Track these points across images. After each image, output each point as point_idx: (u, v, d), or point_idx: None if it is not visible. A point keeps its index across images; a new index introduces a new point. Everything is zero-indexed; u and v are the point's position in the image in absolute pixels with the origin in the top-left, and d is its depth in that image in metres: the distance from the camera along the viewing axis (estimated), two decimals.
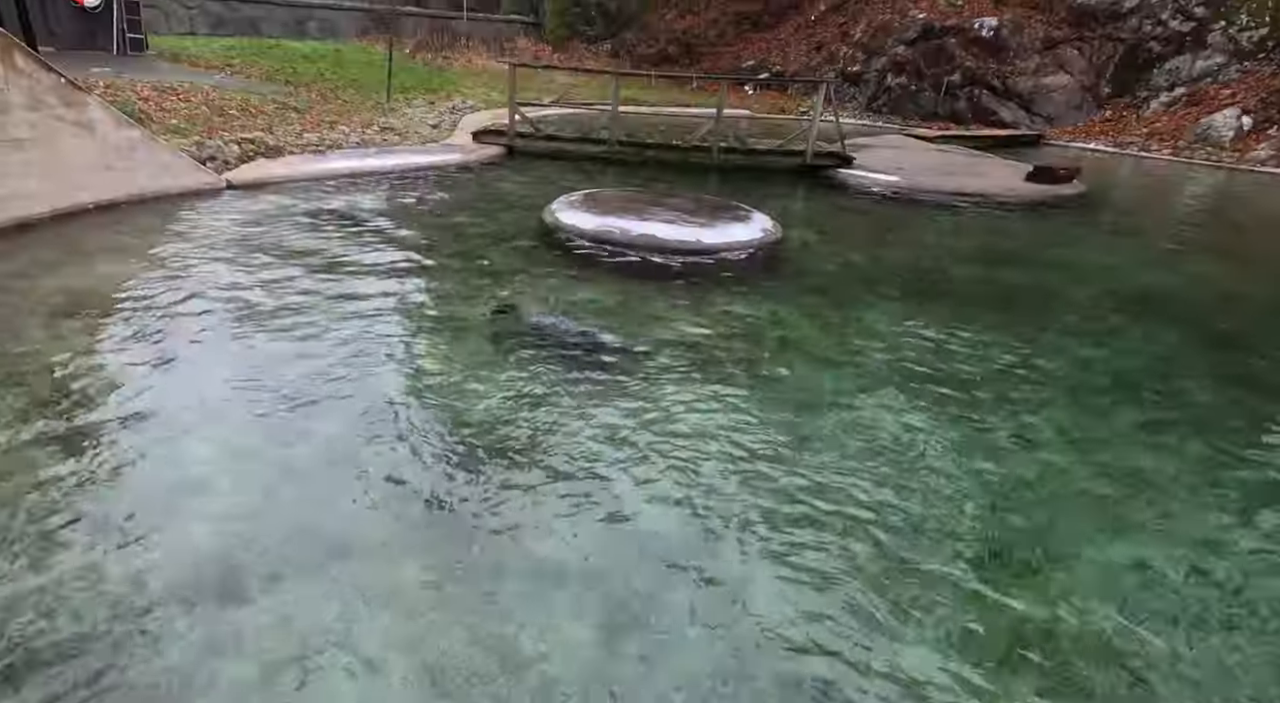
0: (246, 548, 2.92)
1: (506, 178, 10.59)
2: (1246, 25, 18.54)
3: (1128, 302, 6.59)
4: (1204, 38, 18.87)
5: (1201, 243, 9.52)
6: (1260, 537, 3.38)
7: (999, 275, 7.21)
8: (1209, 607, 2.94)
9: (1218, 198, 13.15)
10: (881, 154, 13.59)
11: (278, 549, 2.93)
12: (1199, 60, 18.89)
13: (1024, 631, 2.78)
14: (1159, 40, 19.37)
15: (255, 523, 3.07)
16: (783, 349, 5.15)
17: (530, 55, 26.16)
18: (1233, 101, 17.72)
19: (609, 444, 3.84)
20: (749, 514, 3.36)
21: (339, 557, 2.92)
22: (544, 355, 4.80)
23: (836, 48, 24.08)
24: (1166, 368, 5.18)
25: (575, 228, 7.35)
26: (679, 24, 27.29)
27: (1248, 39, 18.49)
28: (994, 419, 4.33)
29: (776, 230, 7.70)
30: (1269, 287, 7.56)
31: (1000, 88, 20.85)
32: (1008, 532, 3.34)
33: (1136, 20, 19.67)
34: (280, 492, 3.29)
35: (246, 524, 3.06)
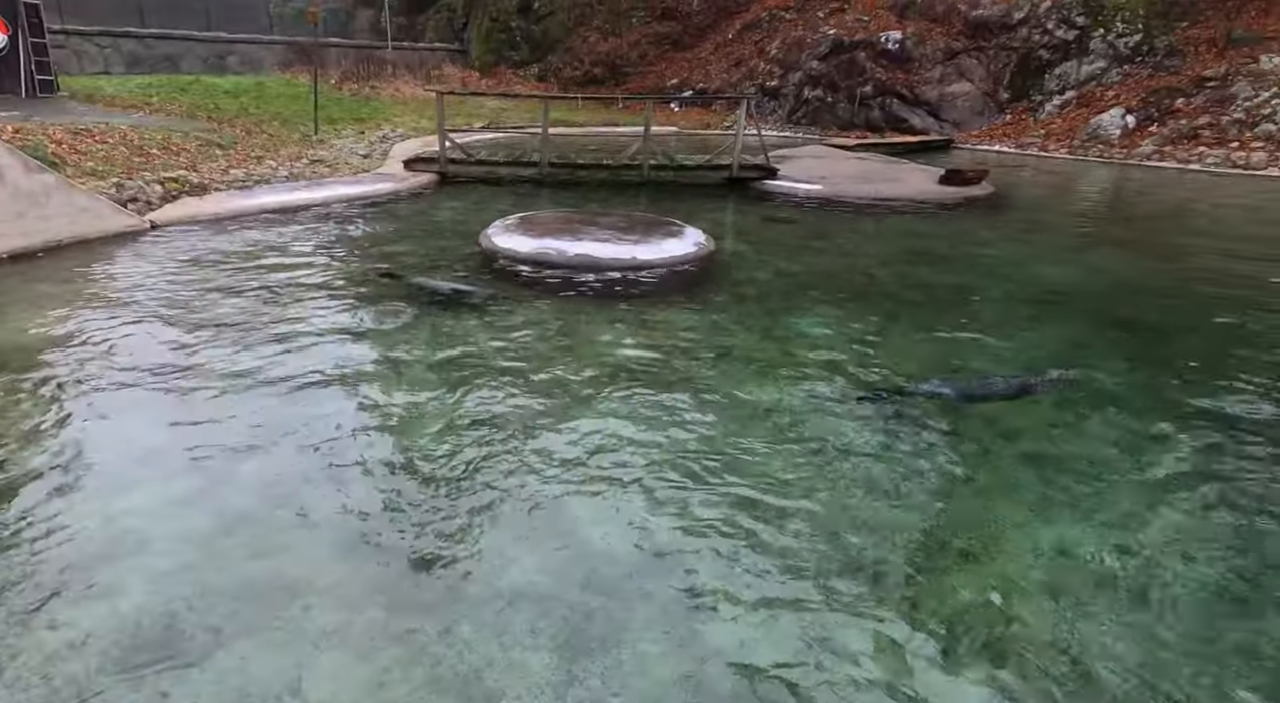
0: (188, 604, 2.76)
1: (441, 205, 10.43)
2: (1123, 32, 19.61)
3: (1038, 295, 6.84)
4: (1087, 44, 19.88)
5: (1100, 236, 9.96)
6: (1175, 513, 3.51)
7: (920, 276, 7.39)
8: (1131, 584, 3.04)
9: (1111, 192, 13.82)
10: (804, 164, 13.85)
11: (222, 602, 2.77)
12: (1084, 65, 19.88)
13: (965, 618, 2.82)
14: (1047, 48, 20.31)
15: (196, 577, 2.91)
16: (722, 360, 5.17)
17: (458, 82, 25.93)
18: (1117, 102, 18.69)
19: (557, 466, 3.78)
20: (698, 526, 3.34)
21: (287, 604, 2.78)
22: (490, 385, 4.71)
23: (755, 64, 24.54)
24: (1076, 356, 5.36)
25: (513, 252, 7.27)
26: (602, 46, 27.44)
27: (1124, 44, 19.55)
28: (924, 414, 4.42)
29: (709, 243, 7.75)
30: (1162, 275, 7.94)
31: (909, 97, 21.54)
32: (946, 522, 3.40)
33: (1026, 30, 20.59)
34: (220, 541, 3.13)
35: (187, 579, 2.89)
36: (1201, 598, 2.96)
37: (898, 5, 22.67)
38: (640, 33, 27.25)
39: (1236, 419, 4.44)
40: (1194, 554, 3.21)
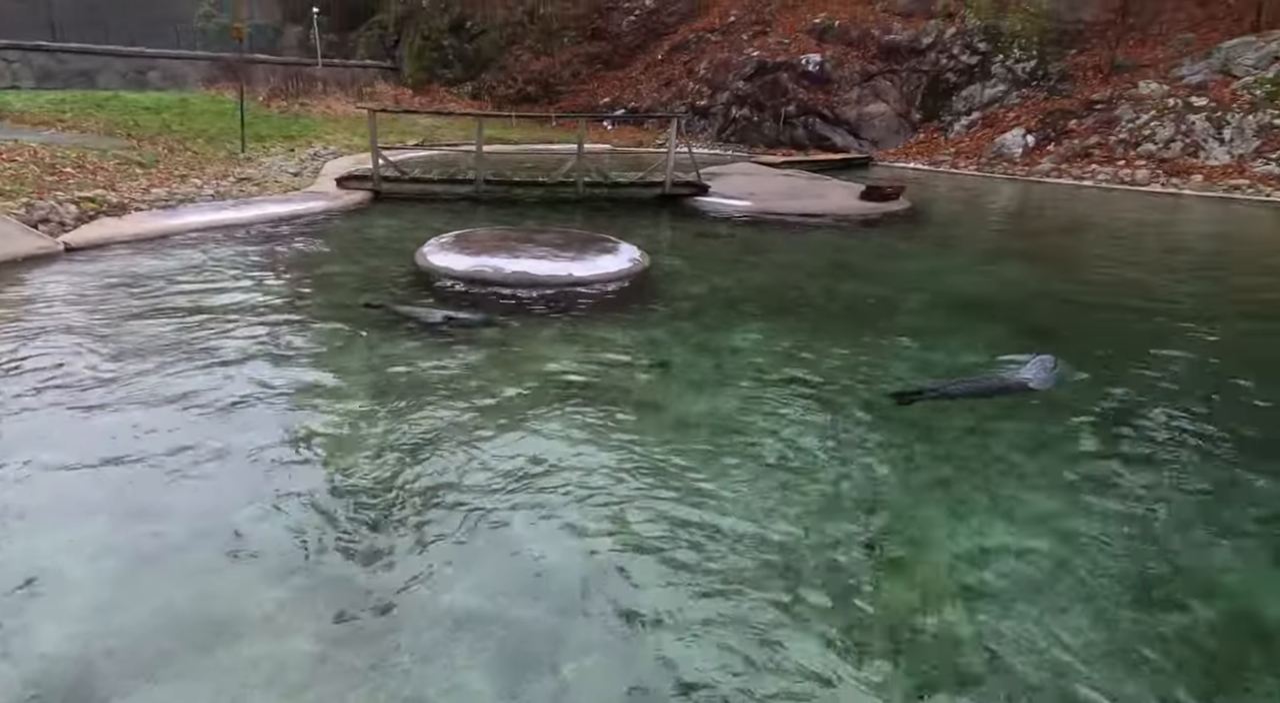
0: (107, 648, 2.57)
1: (374, 223, 10.16)
2: (1020, 58, 20.68)
3: (954, 305, 7.07)
4: (989, 69, 20.87)
5: (1009, 248, 10.40)
6: (1085, 512, 3.66)
7: (846, 288, 7.57)
8: (1046, 580, 3.14)
9: (1016, 206, 14.48)
10: (734, 181, 14.06)
11: (145, 643, 2.59)
12: (987, 88, 20.86)
13: (897, 621, 2.86)
14: (954, 72, 21.23)
15: (117, 616, 2.71)
16: (659, 374, 5.17)
17: (391, 99, 25.43)
18: (1018, 122, 19.65)
19: (496, 484, 3.69)
20: (638, 539, 3.30)
21: (215, 641, 2.62)
22: (426, 405, 4.58)
23: (684, 84, 24.86)
24: (989, 360, 5.56)
25: (448, 269, 7.12)
26: (535, 65, 27.36)
27: (1022, 69, 20.61)
28: (854, 424, 4.50)
29: (644, 259, 7.77)
30: (1067, 283, 8.34)
31: (830, 116, 22.18)
32: (874, 530, 3.45)
33: (934, 55, 21.49)
34: (143, 577, 2.93)
35: (106, 619, 2.69)
36: (1109, 591, 3.07)
37: (816, 29, 23.34)
38: (572, 52, 27.30)
39: (1140, 418, 4.66)
40: (1103, 549, 3.34)
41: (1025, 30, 20.81)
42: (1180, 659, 2.71)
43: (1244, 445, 4.32)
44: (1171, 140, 16.96)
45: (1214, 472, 4.03)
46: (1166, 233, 11.95)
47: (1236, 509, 3.68)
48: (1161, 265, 9.25)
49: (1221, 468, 4.07)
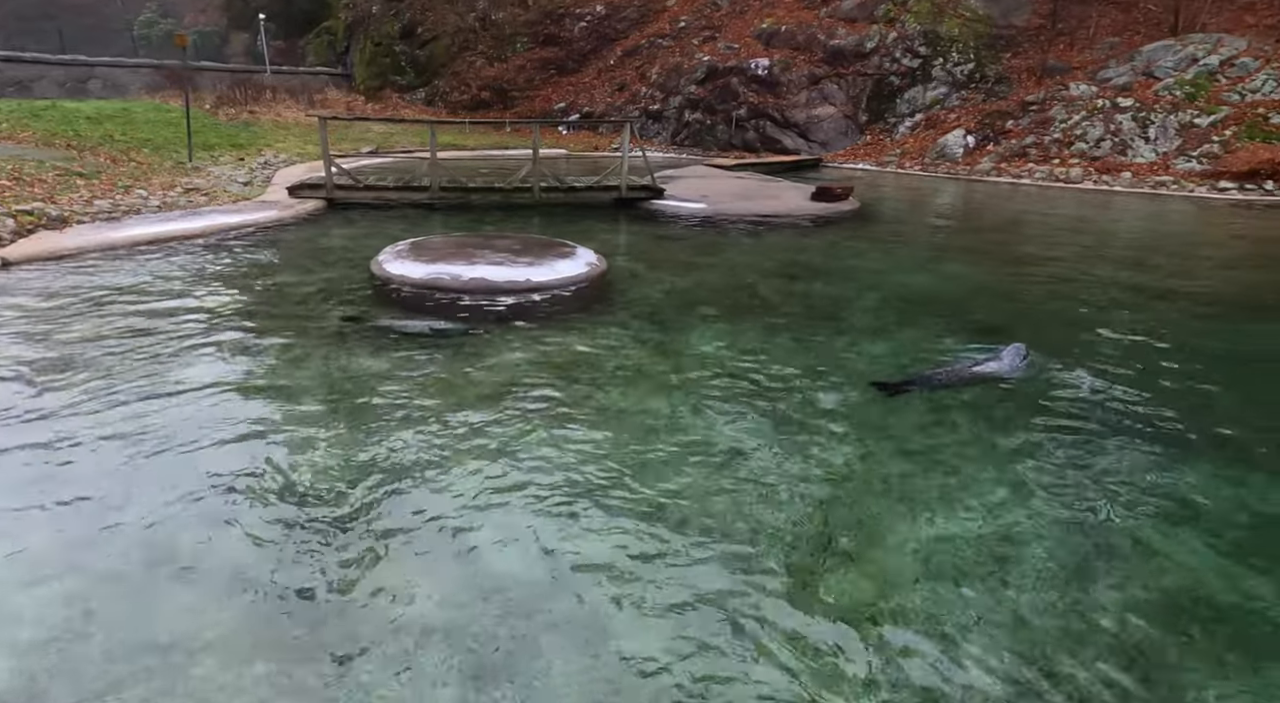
0: (54, 678, 2.45)
1: (328, 232, 9.94)
2: (958, 62, 21.19)
3: (902, 302, 7.19)
4: (930, 72, 21.33)
5: (953, 245, 10.63)
6: (1029, 498, 3.74)
7: (799, 287, 7.65)
8: (997, 565, 3.21)
9: (959, 205, 14.82)
10: (689, 183, 14.11)
11: (94, 672, 2.48)
12: (929, 91, 21.32)
13: (852, 616, 2.88)
14: (897, 75, 21.65)
15: (67, 647, 2.59)
16: (618, 376, 5.14)
17: (343, 107, 24.95)
18: (958, 124, 20.12)
19: (457, 493, 3.63)
20: (602, 542, 3.28)
21: (168, 665, 2.52)
22: (383, 416, 4.48)
23: (637, 88, 24.89)
24: (935, 356, 5.67)
25: (405, 277, 6.99)
26: (488, 71, 27.12)
27: (961, 72, 21.12)
28: (810, 421, 4.53)
29: (601, 263, 7.73)
30: (1006, 279, 8.56)
31: (780, 119, 22.41)
32: (832, 524, 3.48)
33: (878, 59, 21.89)
34: (94, 604, 2.80)
35: (54, 649, 2.57)
36: (1052, 575, 3.15)
37: (764, 34, 23.58)
38: (525, 58, 27.13)
39: (1078, 406, 4.80)
40: (1045, 536, 3.42)
41: (962, 35, 21.33)
42: (1123, 640, 2.79)
43: (1178, 428, 4.48)
44: (1101, 139, 17.55)
45: (1151, 454, 4.16)
46: (1099, 229, 12.35)
47: (1176, 492, 3.80)
48: (1096, 259, 9.55)
49: (1156, 450, 4.20)
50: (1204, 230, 12.06)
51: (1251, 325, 6.73)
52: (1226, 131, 16.43)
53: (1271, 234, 11.66)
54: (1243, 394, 5.12)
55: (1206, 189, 15.36)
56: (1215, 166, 15.84)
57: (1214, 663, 2.68)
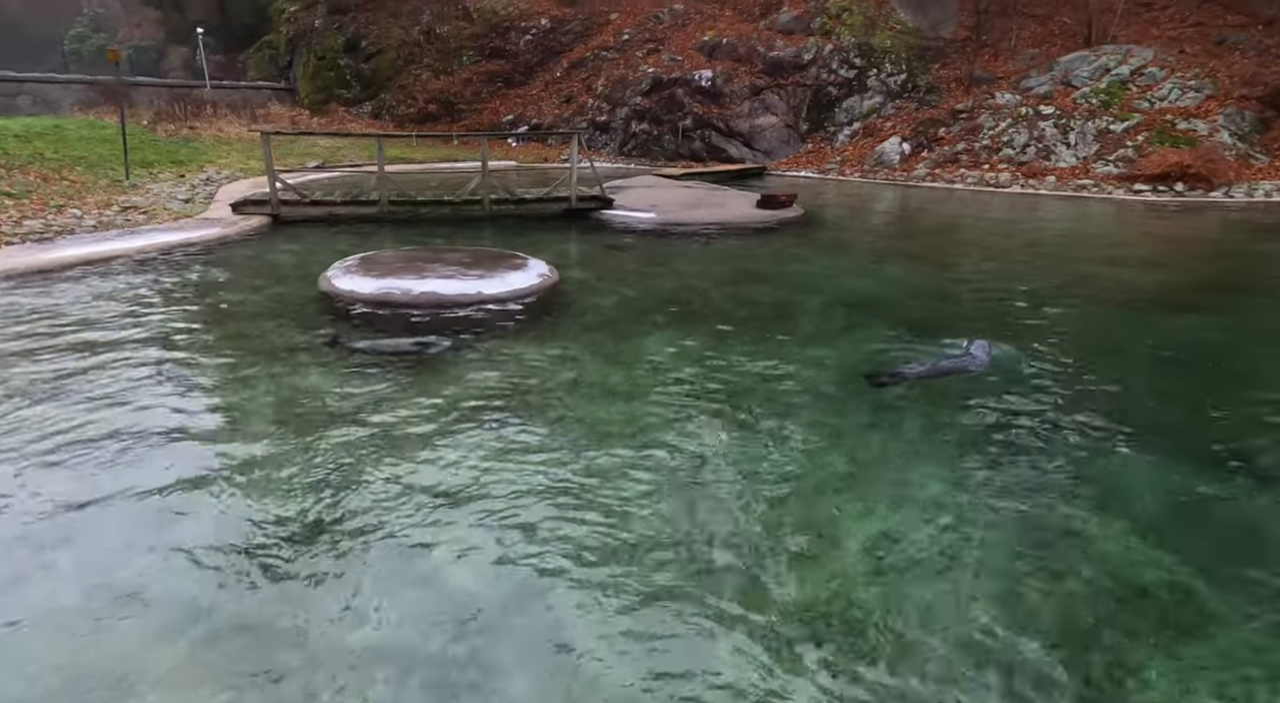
0: None
1: (275, 248, 9.66)
2: (891, 72, 21.76)
3: (846, 305, 7.31)
4: (865, 82, 21.85)
5: (892, 249, 10.87)
6: (971, 492, 3.83)
7: (747, 293, 7.71)
8: (941, 559, 3.27)
9: (897, 209, 15.18)
10: (638, 193, 14.14)
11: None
12: (865, 100, 21.82)
13: (808, 615, 2.90)
14: (834, 85, 22.11)
15: (8, 685, 2.44)
16: (573, 387, 5.10)
17: (287, 121, 24.31)
18: (894, 132, 20.64)
19: (413, 510, 3.54)
20: (561, 554, 3.24)
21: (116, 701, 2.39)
22: (335, 434, 4.36)
23: (584, 100, 24.88)
24: (879, 357, 5.76)
25: (354, 293, 6.83)
26: (435, 84, 26.77)
27: (894, 82, 21.69)
28: (761, 424, 4.56)
29: (553, 274, 7.68)
30: (943, 280, 8.79)
31: (725, 129, 22.66)
32: (785, 525, 3.50)
33: (816, 70, 22.32)
34: (32, 641, 2.65)
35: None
36: (996, 566, 3.23)
37: (706, 46, 23.83)
38: (471, 71, 26.86)
39: (1013, 401, 4.93)
40: (988, 526, 3.50)
41: (894, 46, 21.90)
42: (1062, 626, 2.86)
43: (1106, 420, 4.64)
44: (1027, 145, 18.20)
45: (1082, 445, 4.30)
46: (1028, 231, 12.79)
47: (1106, 481, 3.94)
48: (1026, 260, 9.88)
49: (1087, 441, 4.35)
50: (1122, 231, 12.59)
51: (1168, 320, 7.03)
52: (1139, 137, 17.22)
53: (1182, 233, 12.24)
54: (1162, 386, 5.35)
55: (1123, 191, 16.06)
56: (1130, 170, 16.58)
57: (1143, 643, 2.77)
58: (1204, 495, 3.81)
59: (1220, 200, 15.14)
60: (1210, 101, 17.56)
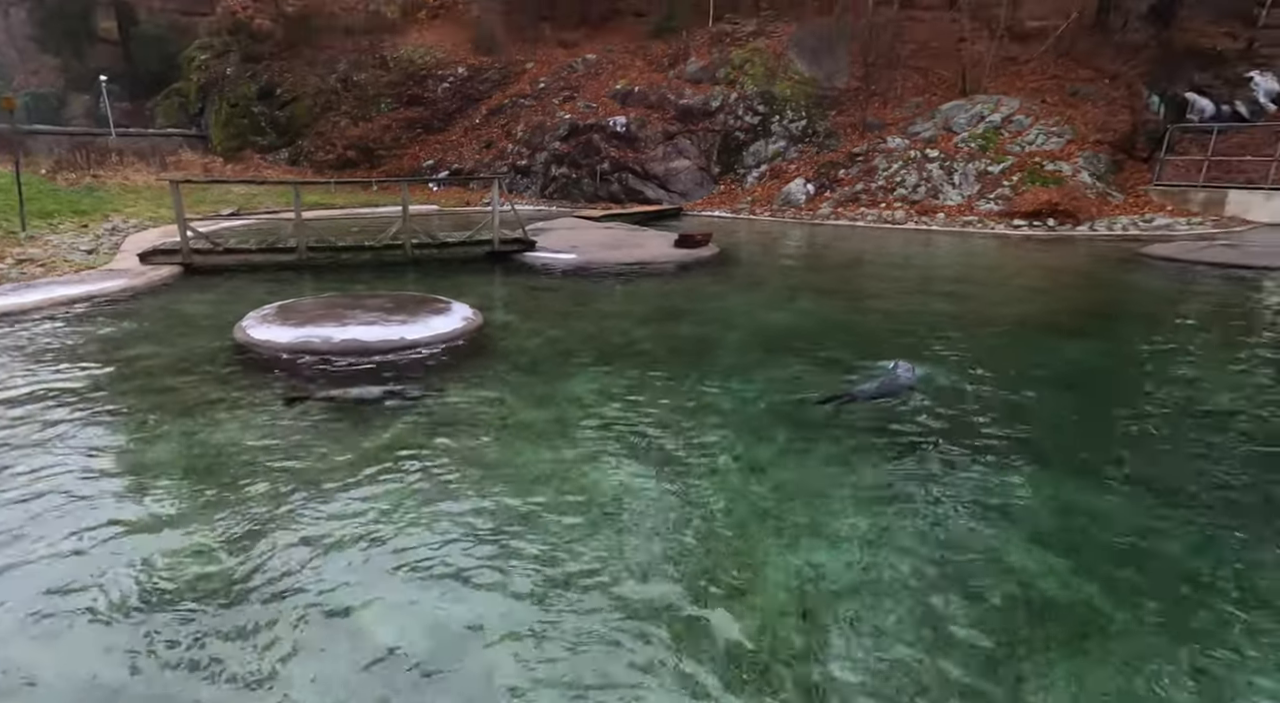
0: None
1: (187, 299, 9.16)
2: (793, 118, 22.78)
3: (762, 340, 7.47)
4: (769, 128, 22.78)
5: (803, 284, 11.25)
6: (883, 517, 3.94)
7: (668, 330, 7.80)
8: (863, 586, 3.34)
9: (806, 247, 15.77)
10: (559, 235, 14.19)
11: None
12: (770, 144, 22.72)
13: (737, 650, 2.90)
14: (741, 130, 22.96)
15: None
16: (501, 430, 5.00)
17: (200, 169, 23.31)
18: (799, 173, 21.54)
19: (339, 566, 3.36)
20: (493, 604, 3.13)
21: None
22: (254, 488, 4.12)
23: (504, 145, 24.92)
24: (797, 389, 5.90)
25: (271, 343, 6.54)
26: (353, 131, 26.28)
27: (796, 128, 22.70)
28: (685, 459, 4.59)
29: (477, 317, 7.58)
30: (851, 312, 9.14)
31: (641, 172, 23.10)
32: (713, 560, 3.51)
33: (723, 116, 23.13)
34: None
35: None
36: (913, 588, 3.32)
37: (619, 94, 24.36)
38: (390, 117, 26.53)
39: (916, 425, 5.14)
40: (904, 549, 3.61)
41: (794, 95, 22.97)
42: (973, 642, 2.96)
43: (1002, 441, 4.89)
44: (917, 185, 19.32)
45: (982, 466, 4.51)
46: (923, 264, 13.51)
47: (1006, 500, 4.13)
48: (923, 291, 10.40)
49: (986, 462, 4.56)
50: (1006, 263, 13.46)
51: (1055, 343, 7.50)
52: (1014, 177, 18.55)
53: (1057, 264, 13.18)
54: (1054, 405, 5.67)
55: (1004, 226, 17.21)
56: (1009, 207, 17.80)
57: (1046, 652, 2.89)
58: (1095, 507, 4.04)
59: (1086, 234, 16.42)
60: (1071, 145, 19.14)
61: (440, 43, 27.97)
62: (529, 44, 27.79)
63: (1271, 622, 3.07)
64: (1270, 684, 2.73)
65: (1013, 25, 23.54)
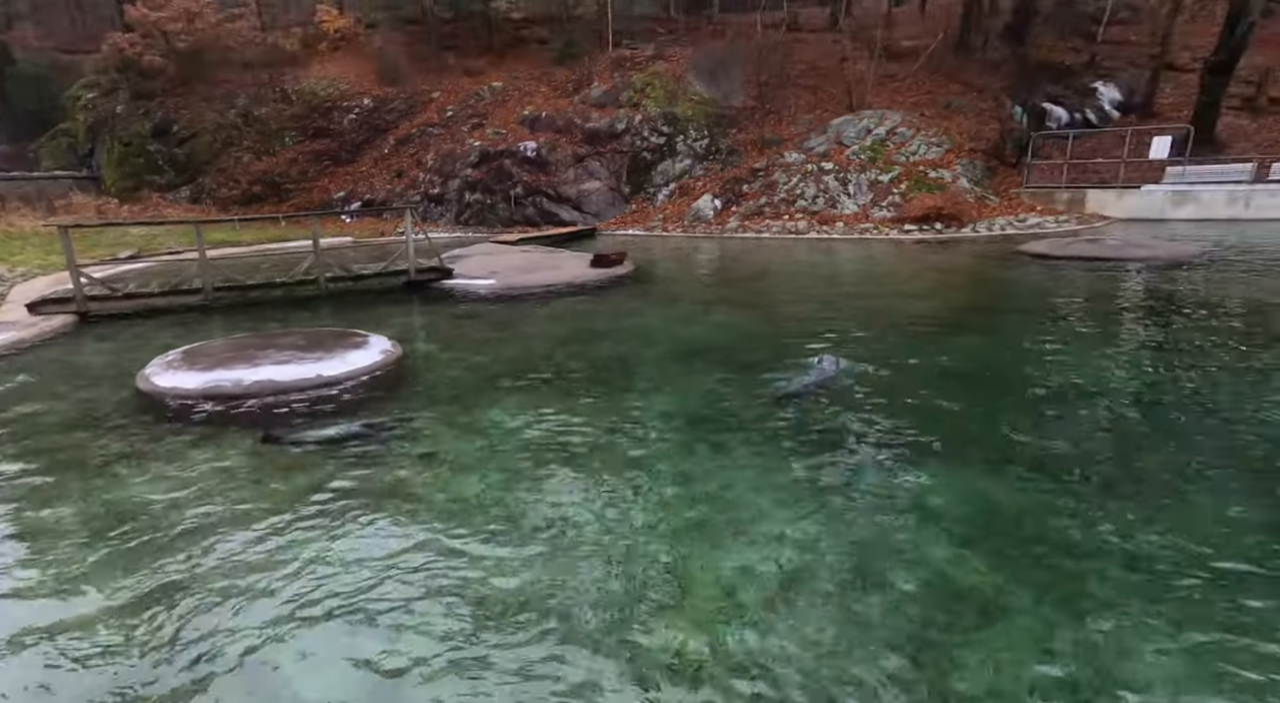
0: None
1: (83, 349, 8.51)
2: (696, 137, 23.30)
3: (681, 354, 7.52)
4: (675, 147, 23.21)
5: (716, 297, 11.45)
6: (806, 518, 4.04)
7: (589, 351, 7.77)
8: (790, 587, 3.41)
9: (717, 260, 16.09)
10: (477, 260, 13.96)
11: None
12: (677, 163, 23.15)
13: (673, 663, 2.90)
14: (648, 151, 23.29)
15: None
16: (427, 464, 4.85)
17: (93, 211, 21.75)
18: (706, 190, 22.01)
19: (259, 614, 3.17)
20: (420, 643, 3.02)
21: None
22: (162, 538, 3.84)
23: (415, 174, 24.38)
24: (717, 400, 5.98)
25: (177, 390, 6.15)
26: (258, 166, 25.15)
27: (700, 146, 23.23)
28: (613, 477, 4.56)
29: (397, 349, 7.35)
30: (764, 321, 9.37)
31: (554, 195, 23.06)
32: (646, 575, 3.50)
33: (630, 137, 23.41)
34: None
35: None
36: (837, 584, 3.41)
37: (527, 120, 24.29)
38: (296, 151, 25.54)
39: (830, 426, 5.30)
40: (825, 549, 3.70)
41: (695, 115, 23.51)
42: (896, 633, 3.07)
43: (913, 438, 5.10)
44: (816, 197, 20.07)
45: (896, 464, 4.69)
46: (828, 271, 14.02)
47: (920, 495, 4.30)
48: (830, 297, 10.78)
49: (900, 460, 4.74)
50: (902, 266, 14.12)
51: (950, 340, 7.88)
52: (902, 185, 19.55)
53: (947, 265, 13.93)
54: (948, 398, 5.95)
55: (897, 232, 18.08)
56: (900, 214, 18.73)
57: (964, 639, 3.02)
58: (992, 493, 4.25)
59: (969, 235, 17.45)
60: (949, 154, 20.35)
61: (343, 74, 27.20)
62: (434, 73, 27.38)
63: (1155, 587, 3.32)
64: (1157, 647, 2.94)
65: (889, 45, 24.93)
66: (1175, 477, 4.37)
